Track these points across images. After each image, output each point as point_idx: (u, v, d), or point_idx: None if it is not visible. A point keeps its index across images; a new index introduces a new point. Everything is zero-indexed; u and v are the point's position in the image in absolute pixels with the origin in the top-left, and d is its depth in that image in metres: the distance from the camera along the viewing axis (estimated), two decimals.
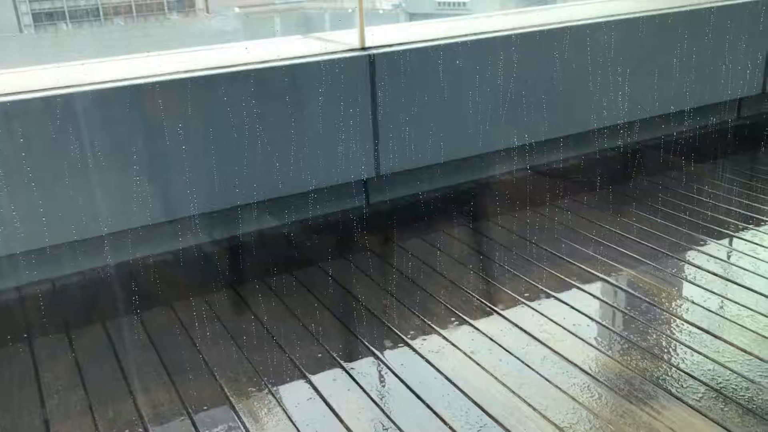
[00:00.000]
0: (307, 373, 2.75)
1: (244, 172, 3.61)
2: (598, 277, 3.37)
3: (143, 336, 3.05)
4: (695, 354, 2.76)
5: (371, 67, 3.80)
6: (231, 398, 2.63)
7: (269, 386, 2.69)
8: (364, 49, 3.86)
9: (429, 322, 3.05)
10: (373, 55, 3.81)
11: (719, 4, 4.83)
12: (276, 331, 3.04)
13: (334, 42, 4.00)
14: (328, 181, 3.87)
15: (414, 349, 2.87)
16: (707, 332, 2.89)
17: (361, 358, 2.86)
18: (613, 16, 4.49)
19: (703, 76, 4.91)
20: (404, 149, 4.00)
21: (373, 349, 2.89)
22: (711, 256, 3.54)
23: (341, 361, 2.82)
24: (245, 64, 3.57)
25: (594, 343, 2.87)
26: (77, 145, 3.23)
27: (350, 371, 2.76)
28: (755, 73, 5.11)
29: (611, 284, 3.33)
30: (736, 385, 2.56)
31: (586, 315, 3.07)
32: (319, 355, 2.86)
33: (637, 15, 4.56)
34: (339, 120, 3.78)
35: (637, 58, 4.60)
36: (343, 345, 2.96)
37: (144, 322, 3.16)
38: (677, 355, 2.77)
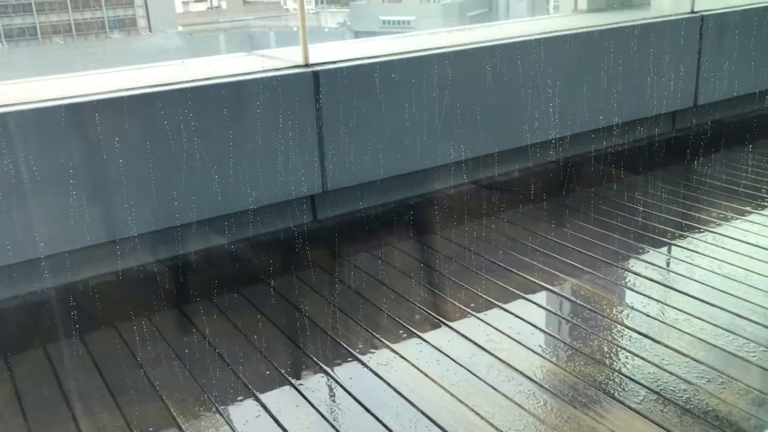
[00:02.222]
0: (255, 391, 2.72)
1: (187, 191, 3.57)
2: (542, 286, 3.44)
3: (86, 358, 2.98)
4: (636, 358, 2.83)
5: (315, 83, 3.82)
6: (178, 419, 2.58)
7: (217, 405, 2.65)
8: (308, 65, 3.88)
9: (377, 335, 3.06)
10: (317, 71, 3.83)
11: (642, 21, 5.00)
12: (222, 350, 3.01)
13: (278, 59, 4.01)
14: (273, 197, 3.85)
15: (362, 363, 2.88)
16: (647, 337, 2.98)
17: (310, 373, 2.85)
18: (542, 33, 4.62)
19: (639, 91, 5.07)
20: (350, 165, 4.03)
21: (322, 364, 2.88)
22: (649, 263, 3.65)
23: (289, 378, 2.80)
24: (186, 81, 3.55)
25: (539, 350, 2.92)
26: (12, 165, 3.15)
27: (299, 387, 2.74)
28: (687, 87, 5.31)
29: (554, 293, 3.40)
30: (674, 387, 2.63)
31: (530, 323, 3.12)
32: (267, 372, 2.84)
33: (565, 32, 4.70)
34: (284, 137, 3.78)
35: (568, 74, 4.73)
36: (291, 361, 2.95)
37: (86, 344, 3.09)
38: (619, 359, 2.84)
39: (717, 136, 5.57)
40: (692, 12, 5.25)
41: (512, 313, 3.20)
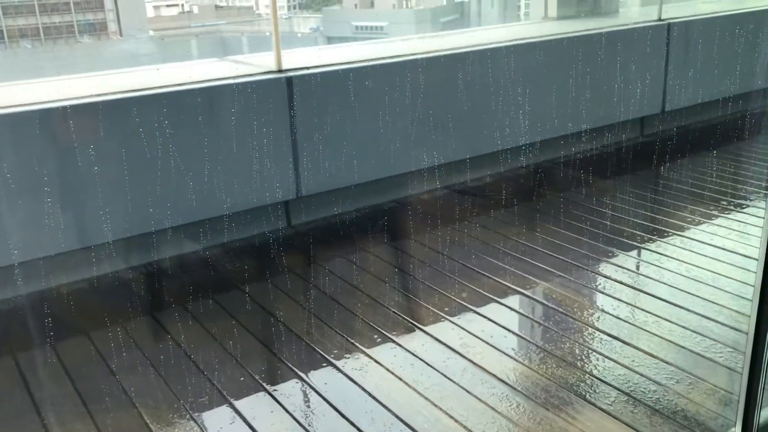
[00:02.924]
0: (229, 398, 2.72)
1: (161, 197, 3.56)
2: (514, 289, 3.48)
3: (58, 367, 2.95)
4: (607, 360, 2.88)
5: (289, 89, 3.83)
6: (151, 426, 2.57)
7: (191, 412, 2.65)
8: (281, 71, 3.89)
9: (352, 341, 3.08)
10: (291, 77, 3.84)
11: (609, 29, 5.10)
12: (197, 357, 3.00)
13: (251, 65, 4.02)
14: (248, 203, 3.85)
15: (337, 368, 2.89)
16: (617, 339, 3.03)
17: (285, 379, 2.85)
18: (512, 41, 4.69)
19: (607, 97, 5.16)
20: (325, 170, 4.04)
21: (297, 370, 2.89)
22: (619, 266, 3.72)
23: (264, 384, 2.81)
24: (159, 87, 3.54)
25: (511, 353, 2.96)
26: None
27: (273, 393, 2.75)
28: (655, 93, 5.42)
29: (526, 296, 3.45)
30: (644, 388, 2.69)
31: (503, 327, 3.16)
32: (242, 378, 2.84)
33: (534, 40, 4.77)
34: (258, 143, 3.78)
35: (537, 81, 4.80)
36: (266, 367, 2.95)
37: (58, 352, 3.06)
38: (590, 362, 2.89)
39: (684, 142, 5.69)
40: (659, 20, 5.36)
41: (485, 317, 3.23)
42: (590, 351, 2.96)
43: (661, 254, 3.83)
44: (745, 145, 5.68)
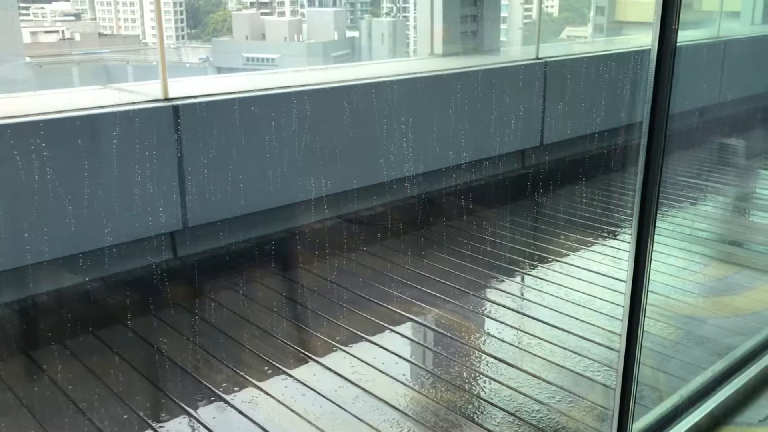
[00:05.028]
0: None
1: (38, 228, 3.38)
2: (404, 316, 3.54)
3: None
4: (493, 382, 2.97)
5: (175, 118, 3.77)
6: None
7: None
8: (167, 99, 3.82)
9: (241, 373, 3.02)
10: (177, 105, 3.78)
11: (490, 66, 5.35)
12: (76, 396, 2.85)
13: (137, 93, 3.92)
14: (132, 234, 3.73)
15: (227, 402, 2.83)
16: (503, 361, 3.13)
17: (171, 415, 2.76)
18: (395, 75, 4.83)
19: (488, 131, 5.38)
20: (212, 200, 3.98)
21: (184, 405, 2.80)
22: (503, 291, 3.86)
23: (149, 421, 2.70)
24: (38, 113, 3.39)
25: (402, 379, 2.99)
26: None
27: (159, 430, 2.65)
28: (534, 127, 5.70)
29: (416, 322, 3.51)
30: (528, 408, 2.79)
31: (394, 353, 3.20)
32: (125, 416, 2.72)
33: (415, 75, 4.93)
34: (142, 172, 3.68)
35: (419, 114, 4.94)
36: (152, 404, 2.84)
37: None
38: (477, 384, 2.97)
39: (561, 173, 6.00)
40: (537, 58, 5.67)
41: (377, 344, 3.26)
42: (477, 374, 3.04)
43: (542, 279, 4.00)
44: (616, 176, 6.06)
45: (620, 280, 3.92)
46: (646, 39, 1.94)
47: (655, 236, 2.06)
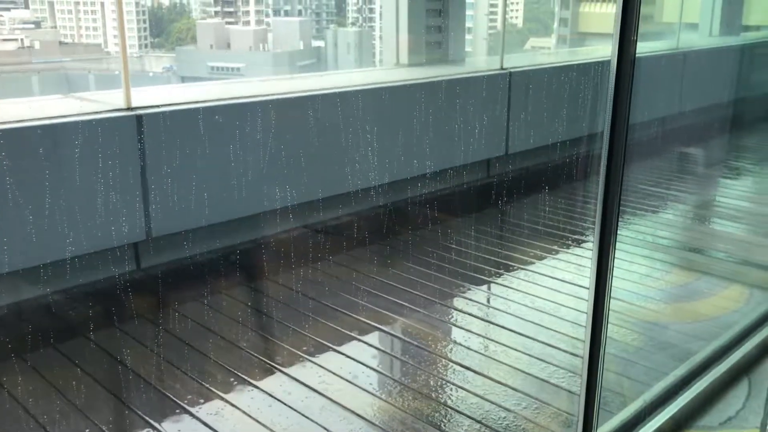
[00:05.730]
0: None
1: None
2: (371, 325, 3.53)
3: None
4: (460, 390, 2.99)
5: (138, 127, 3.72)
6: None
7: None
8: (130, 109, 3.77)
9: (207, 385, 2.99)
10: (141, 115, 3.73)
11: (455, 76, 5.39)
12: (36, 410, 2.79)
13: (99, 102, 3.87)
14: (93, 245, 3.67)
15: (192, 414, 2.79)
16: (469, 369, 3.15)
17: (135, 429, 2.71)
18: (360, 85, 4.84)
19: (454, 141, 5.42)
20: (176, 210, 3.93)
21: (148, 419, 2.76)
22: (469, 299, 3.88)
23: None
24: None
25: (369, 389, 2.99)
26: None
27: None
28: (499, 137, 5.75)
29: (383, 331, 3.51)
30: (495, 415, 2.80)
31: (362, 363, 3.19)
32: (87, 430, 2.67)
33: (380, 85, 4.95)
34: (105, 182, 3.63)
35: (384, 125, 4.96)
36: (114, 418, 2.80)
37: None
38: (444, 392, 2.97)
39: (526, 182, 6.07)
40: (502, 69, 5.73)
41: (344, 354, 3.25)
42: (444, 382, 3.05)
43: (508, 287, 4.04)
44: (580, 185, 6.14)
45: (584, 287, 3.96)
46: (608, 50, 1.98)
47: (619, 244, 2.10)
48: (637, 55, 1.93)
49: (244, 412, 2.80)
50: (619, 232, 2.08)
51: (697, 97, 7.48)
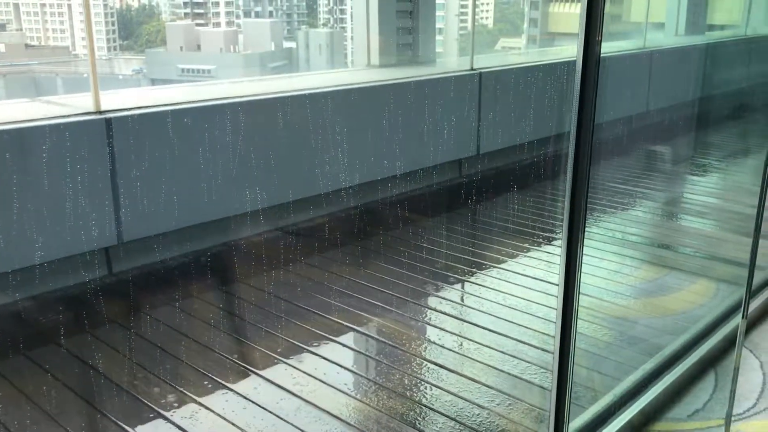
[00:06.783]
0: None
1: None
2: (345, 326, 3.54)
3: None
4: (434, 388, 3.01)
5: (108, 130, 3.69)
6: None
7: None
8: (100, 112, 3.74)
9: (181, 389, 2.97)
10: (110, 118, 3.70)
11: (426, 77, 5.42)
12: (7, 419, 2.76)
13: (67, 106, 3.83)
14: (63, 250, 3.63)
15: (166, 418, 2.78)
16: (444, 367, 3.17)
17: None
18: (330, 87, 4.85)
19: (427, 140, 5.45)
20: (147, 214, 3.91)
21: (122, 424, 2.74)
22: (443, 298, 3.91)
23: None
24: None
25: (344, 389, 3.00)
26: None
27: None
28: (470, 137, 5.80)
29: (357, 332, 3.52)
30: (469, 412, 2.83)
31: (336, 364, 3.20)
32: None
33: (349, 87, 4.96)
34: (74, 186, 3.59)
35: (354, 126, 4.97)
36: (87, 424, 2.77)
37: None
38: (419, 391, 3.00)
39: (497, 181, 6.12)
40: (472, 69, 5.78)
41: (318, 355, 3.26)
42: (419, 381, 3.07)
43: (481, 285, 4.07)
44: (550, 184, 6.21)
45: (555, 284, 4.02)
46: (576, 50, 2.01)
47: (588, 241, 2.13)
48: (603, 55, 1.96)
49: (219, 415, 2.80)
50: (588, 229, 2.11)
51: (663, 95, 7.61)
